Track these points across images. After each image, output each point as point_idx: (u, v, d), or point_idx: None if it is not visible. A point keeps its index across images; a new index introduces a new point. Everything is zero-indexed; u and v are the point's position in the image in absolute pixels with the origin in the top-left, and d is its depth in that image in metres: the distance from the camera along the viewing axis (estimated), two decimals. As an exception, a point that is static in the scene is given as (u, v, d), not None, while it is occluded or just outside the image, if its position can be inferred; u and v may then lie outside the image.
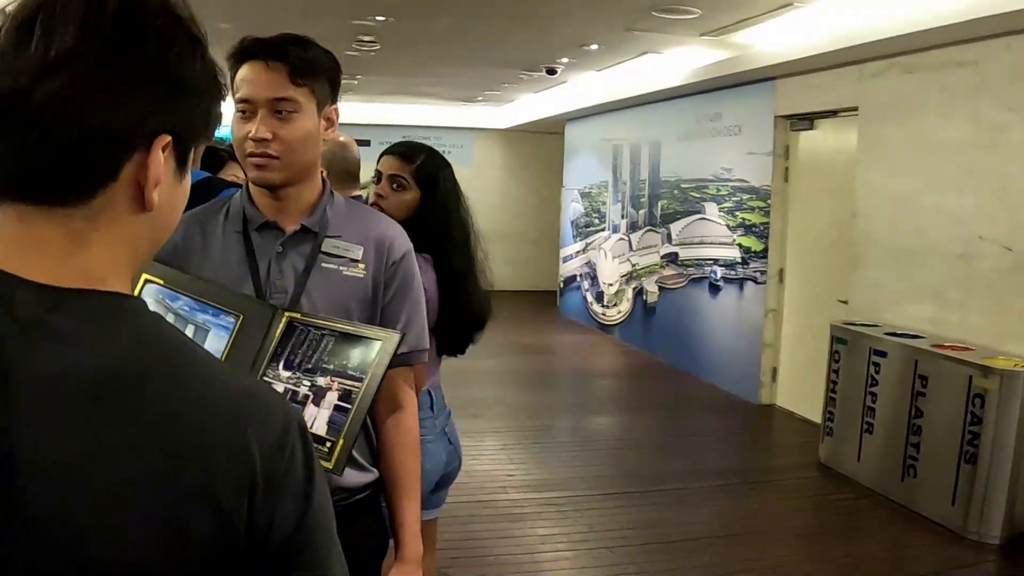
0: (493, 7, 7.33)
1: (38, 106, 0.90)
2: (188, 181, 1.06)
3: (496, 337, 12.33)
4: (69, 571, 0.87)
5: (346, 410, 1.94)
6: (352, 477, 2.19)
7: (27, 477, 0.86)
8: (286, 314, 2.04)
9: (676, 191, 10.58)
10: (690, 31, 7.66)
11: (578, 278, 14.01)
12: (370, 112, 14.85)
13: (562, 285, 14.77)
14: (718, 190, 9.57)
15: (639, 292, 11.63)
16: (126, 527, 0.88)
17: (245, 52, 2.09)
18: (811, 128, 8.24)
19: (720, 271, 9.48)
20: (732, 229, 9.26)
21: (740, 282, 9.10)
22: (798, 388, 8.28)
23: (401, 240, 2.30)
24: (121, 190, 0.96)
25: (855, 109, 7.33)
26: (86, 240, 0.95)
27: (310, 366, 2.00)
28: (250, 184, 2.22)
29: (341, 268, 2.19)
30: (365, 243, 2.23)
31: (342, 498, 2.18)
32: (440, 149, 12.51)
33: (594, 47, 8.86)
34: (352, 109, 11.59)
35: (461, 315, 3.21)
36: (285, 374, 1.98)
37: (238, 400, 0.97)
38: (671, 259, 10.66)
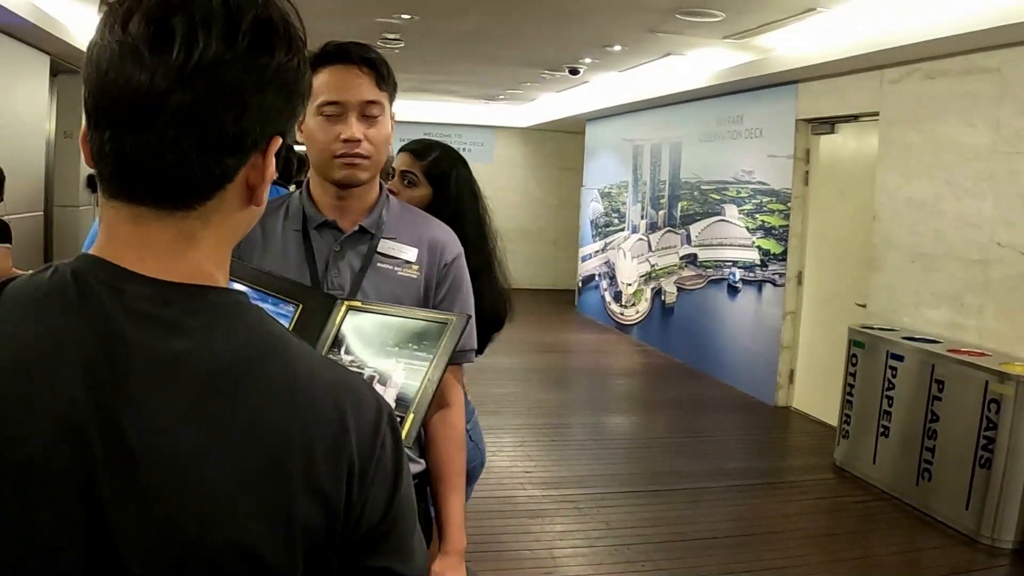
0: (517, 7, 7.39)
1: (175, 110, 0.92)
2: None
3: (514, 335, 12.33)
4: (180, 551, 0.92)
5: (414, 387, 1.99)
6: None
7: (143, 460, 0.91)
8: (345, 303, 2.09)
9: (696, 192, 10.62)
10: (713, 34, 7.70)
11: (597, 277, 14.05)
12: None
13: (580, 284, 14.81)
14: (738, 192, 9.60)
15: (657, 292, 11.67)
16: (237, 513, 0.93)
17: (330, 56, 2.17)
18: (832, 132, 8.27)
19: (739, 273, 9.51)
20: (751, 231, 9.29)
21: (759, 284, 9.14)
22: (815, 390, 8.32)
23: (453, 244, 2.39)
24: (234, 190, 1.01)
25: (876, 114, 7.35)
26: (196, 238, 0.99)
27: (374, 350, 2.05)
28: (311, 184, 2.29)
29: (395, 269, 2.27)
30: (419, 245, 2.32)
31: None
32: (461, 147, 12.60)
33: (617, 48, 8.90)
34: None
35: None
36: (347, 359, 2.03)
37: (337, 391, 1.02)
38: (690, 260, 10.70)
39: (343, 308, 2.08)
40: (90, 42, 0.97)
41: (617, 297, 13.13)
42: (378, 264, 2.26)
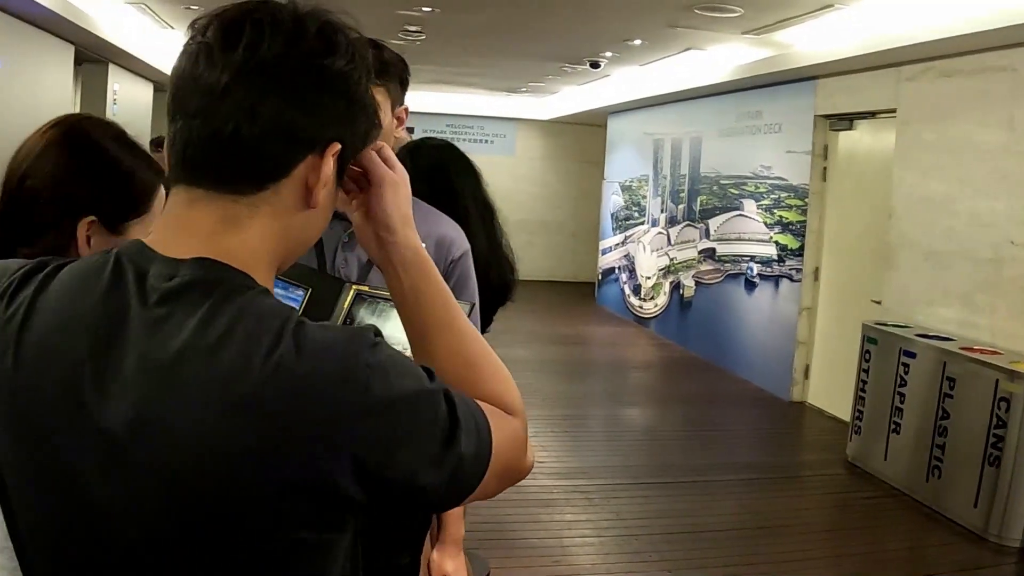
0: (537, 0, 7.43)
1: (238, 101, 1.02)
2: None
3: (533, 327, 12.33)
4: (166, 513, 1.00)
5: None
6: None
7: (123, 423, 1.00)
8: (353, 287, 2.12)
9: (715, 187, 10.64)
10: (732, 29, 7.73)
11: (616, 270, 14.09)
12: (415, 100, 14.93)
13: (600, 277, 14.84)
14: (757, 187, 9.62)
15: (676, 286, 11.70)
16: (209, 458, 0.98)
17: None
18: (850, 128, 8.27)
19: (756, 268, 9.53)
20: (769, 226, 9.31)
21: (776, 279, 9.16)
22: (830, 386, 8.34)
23: (460, 241, 2.41)
24: (289, 186, 1.08)
25: (894, 111, 7.36)
26: (240, 225, 1.07)
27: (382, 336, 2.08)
28: None
29: None
30: (427, 240, 2.31)
31: None
32: (483, 138, 12.82)
33: (637, 42, 8.94)
34: (397, 97, 11.66)
35: None
36: None
37: (304, 380, 1.00)
38: (708, 254, 10.73)
39: (351, 292, 2.11)
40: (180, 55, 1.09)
41: (636, 290, 13.16)
42: None
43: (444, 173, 3.38)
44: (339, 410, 0.99)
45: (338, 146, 1.09)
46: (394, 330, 2.09)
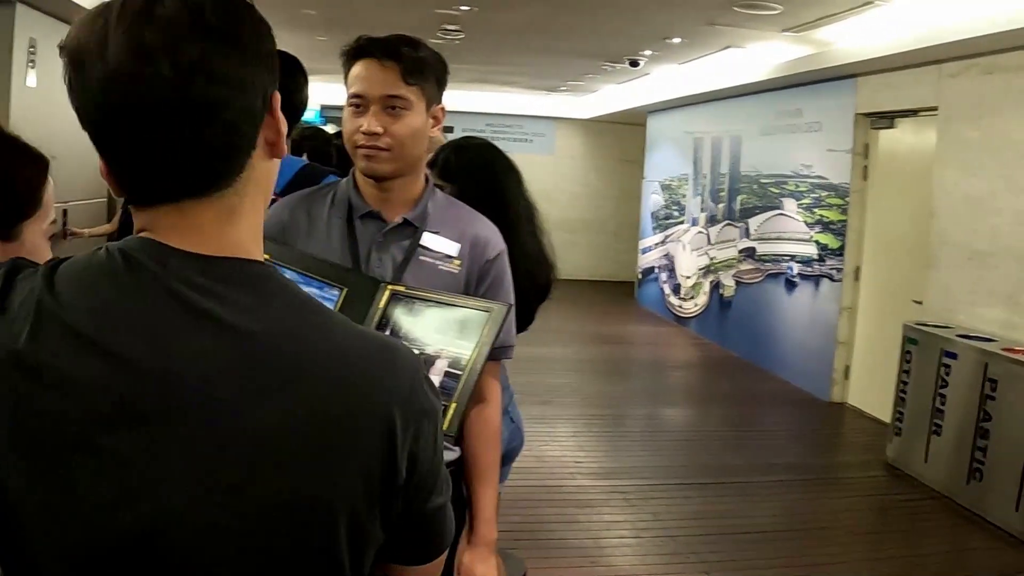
0: (576, -2, 7.44)
1: (189, 109, 1.00)
2: None
3: (573, 326, 12.31)
4: (222, 497, 1.00)
5: (456, 376, 2.01)
6: None
7: (194, 406, 1.00)
8: (389, 287, 2.12)
9: (755, 186, 10.59)
10: (772, 27, 7.68)
11: (656, 270, 14.04)
12: (453, 99, 14.97)
13: (640, 276, 14.80)
14: (797, 186, 9.56)
15: (716, 286, 11.65)
16: (279, 460, 1.01)
17: (360, 50, 2.22)
18: (891, 127, 8.20)
19: (797, 267, 9.47)
20: (810, 226, 9.25)
21: (816, 279, 9.10)
22: (870, 387, 8.27)
23: (496, 240, 2.41)
24: (258, 154, 1.10)
25: (935, 109, 7.29)
26: (236, 213, 1.08)
27: (417, 336, 2.06)
28: (357, 174, 2.32)
29: (437, 262, 2.29)
30: (462, 240, 2.33)
31: None
32: (522, 137, 12.89)
33: (676, 40, 8.90)
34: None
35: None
36: None
37: (372, 356, 1.09)
38: (748, 254, 10.68)
39: (387, 292, 2.11)
40: (75, 88, 1.04)
41: (676, 290, 13.12)
42: (420, 257, 2.28)
43: (490, 172, 3.39)
44: (407, 406, 1.08)
45: (278, 95, 1.11)
46: (427, 330, 2.12)
